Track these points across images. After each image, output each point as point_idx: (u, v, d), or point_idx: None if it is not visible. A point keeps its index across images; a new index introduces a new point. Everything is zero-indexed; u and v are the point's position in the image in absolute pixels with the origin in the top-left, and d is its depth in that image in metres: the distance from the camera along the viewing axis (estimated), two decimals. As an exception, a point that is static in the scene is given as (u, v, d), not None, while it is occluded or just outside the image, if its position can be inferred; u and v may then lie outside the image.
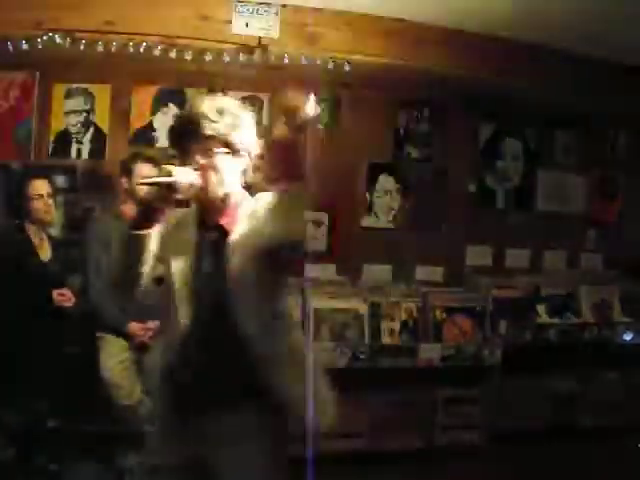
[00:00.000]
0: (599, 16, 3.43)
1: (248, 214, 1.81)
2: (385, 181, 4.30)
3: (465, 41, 3.89)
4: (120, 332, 3.19)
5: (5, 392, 3.06)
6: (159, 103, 3.96)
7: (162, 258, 1.82)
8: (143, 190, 1.71)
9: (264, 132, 3.53)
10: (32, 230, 3.23)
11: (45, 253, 3.26)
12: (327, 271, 4.09)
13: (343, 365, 3.64)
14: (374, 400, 3.77)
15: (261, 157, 3.00)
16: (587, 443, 3.83)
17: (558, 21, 3.57)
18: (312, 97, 1.51)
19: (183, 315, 1.79)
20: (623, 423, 4.04)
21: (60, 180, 3.69)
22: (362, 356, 3.72)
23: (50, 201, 3.26)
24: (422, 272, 4.30)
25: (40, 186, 3.23)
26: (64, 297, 3.15)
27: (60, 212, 3.58)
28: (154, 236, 1.76)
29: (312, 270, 3.86)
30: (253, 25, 3.51)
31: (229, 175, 1.81)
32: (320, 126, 4.21)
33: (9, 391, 3.06)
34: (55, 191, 3.36)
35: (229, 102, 1.84)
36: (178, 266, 1.81)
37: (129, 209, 3.31)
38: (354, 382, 3.41)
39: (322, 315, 3.80)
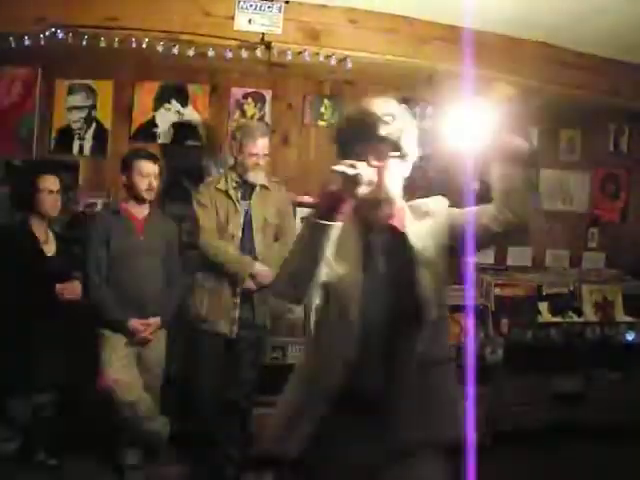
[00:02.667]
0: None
1: (418, 215, 1.83)
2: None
3: (468, 38, 3.87)
4: (121, 328, 3.19)
5: (10, 386, 3.07)
6: (161, 99, 3.96)
7: (329, 261, 1.69)
8: (334, 179, 1.55)
9: (266, 130, 3.54)
10: (36, 225, 3.22)
11: (50, 248, 3.25)
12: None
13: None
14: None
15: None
16: (589, 443, 3.82)
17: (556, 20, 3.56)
18: None
19: (356, 317, 1.73)
20: (625, 423, 4.03)
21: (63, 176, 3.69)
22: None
23: (58, 197, 3.26)
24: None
25: (50, 181, 3.22)
26: (68, 289, 3.15)
27: (62, 208, 3.56)
28: (334, 232, 1.60)
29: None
30: (256, 21, 3.50)
31: (397, 178, 1.79)
32: (322, 123, 4.21)
33: (14, 385, 3.07)
34: (63, 188, 3.34)
35: (397, 105, 1.80)
36: (347, 269, 1.75)
37: (129, 206, 3.31)
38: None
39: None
